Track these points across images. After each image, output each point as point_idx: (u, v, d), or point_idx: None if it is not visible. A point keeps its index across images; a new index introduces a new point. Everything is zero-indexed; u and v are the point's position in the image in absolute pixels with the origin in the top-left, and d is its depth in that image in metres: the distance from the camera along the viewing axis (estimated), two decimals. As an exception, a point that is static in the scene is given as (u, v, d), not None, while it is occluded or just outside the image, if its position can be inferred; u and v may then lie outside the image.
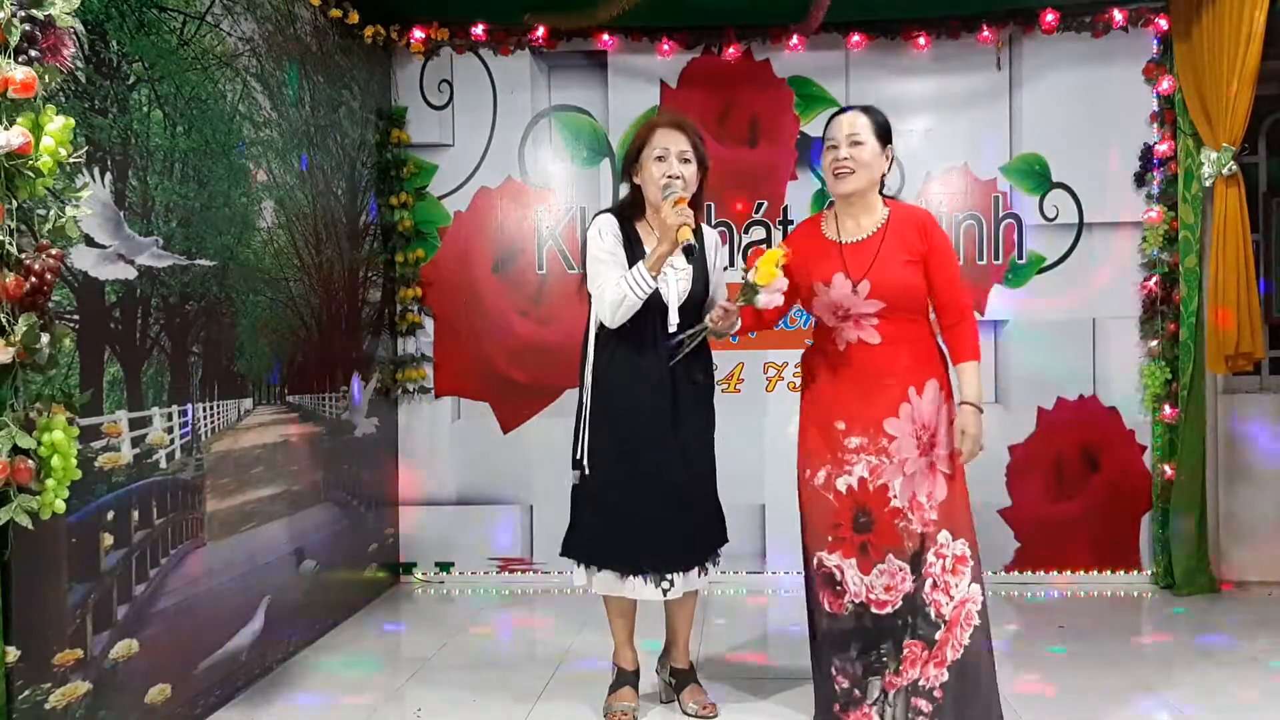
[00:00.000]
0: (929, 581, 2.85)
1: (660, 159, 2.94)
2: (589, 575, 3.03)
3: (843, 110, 3.01)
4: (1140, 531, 4.73)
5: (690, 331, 2.91)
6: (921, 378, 2.91)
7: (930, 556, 2.85)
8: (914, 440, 2.89)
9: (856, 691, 2.90)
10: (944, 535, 2.87)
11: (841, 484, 2.92)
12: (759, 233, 4.85)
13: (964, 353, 2.95)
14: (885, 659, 2.87)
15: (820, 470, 2.95)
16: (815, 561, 2.96)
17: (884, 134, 2.95)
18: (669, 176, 2.91)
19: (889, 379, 2.90)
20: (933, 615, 2.84)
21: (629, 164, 3.05)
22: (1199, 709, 3.09)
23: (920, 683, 2.84)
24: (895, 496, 2.87)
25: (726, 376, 4.80)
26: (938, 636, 2.83)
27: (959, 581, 2.86)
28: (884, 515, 2.88)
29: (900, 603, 2.86)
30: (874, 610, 2.88)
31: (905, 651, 2.86)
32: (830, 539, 2.93)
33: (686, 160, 2.95)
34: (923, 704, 2.83)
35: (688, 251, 2.80)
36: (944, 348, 3.01)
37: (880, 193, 3.00)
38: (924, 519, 2.87)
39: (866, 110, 2.97)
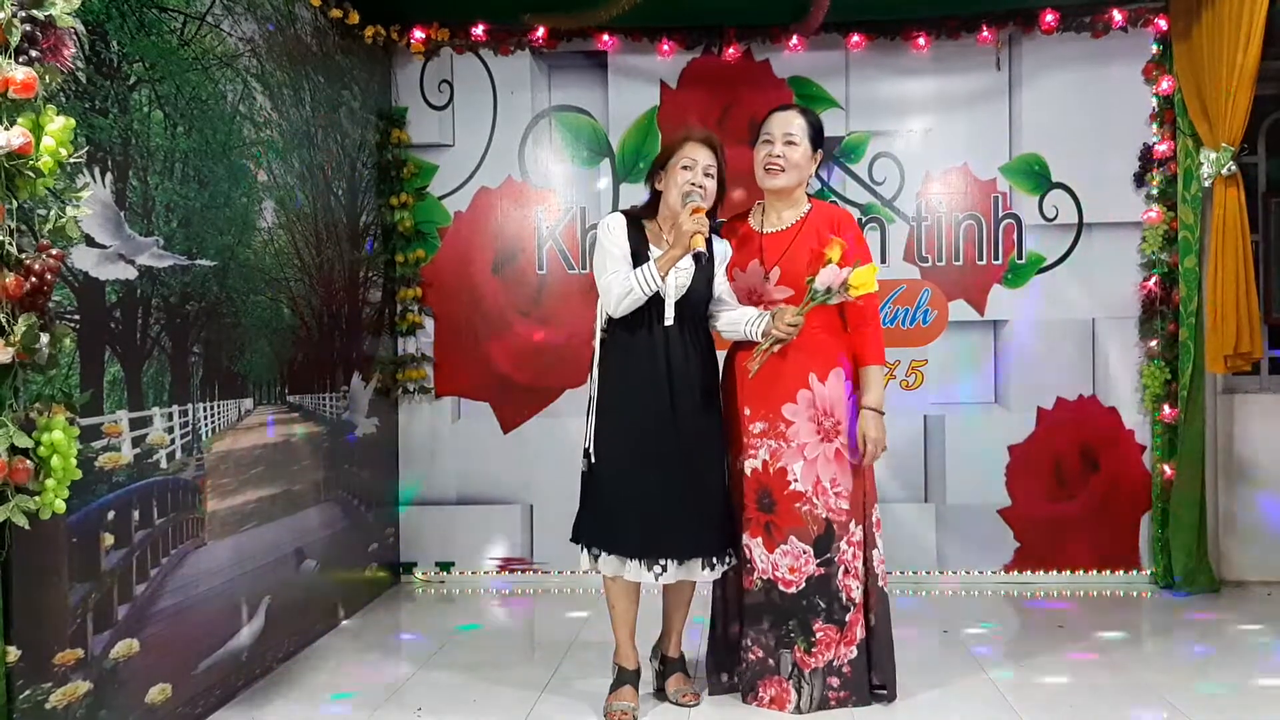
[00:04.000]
0: (842, 569, 3.07)
1: (687, 168, 3.08)
2: (593, 559, 3.10)
3: (783, 107, 3.22)
4: (1140, 531, 4.73)
5: (764, 348, 3.04)
6: (825, 366, 3.09)
7: (844, 544, 3.07)
8: (813, 425, 3.07)
9: (770, 661, 3.11)
10: (853, 524, 3.09)
11: (747, 467, 3.14)
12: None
13: (867, 356, 3.14)
14: (793, 635, 3.08)
15: (726, 454, 3.17)
16: None
17: (817, 137, 3.20)
18: (692, 185, 3.04)
19: (790, 365, 3.07)
20: (844, 599, 3.07)
21: (655, 170, 3.18)
22: (1199, 709, 3.09)
23: (833, 662, 3.08)
24: (796, 480, 3.06)
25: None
26: (848, 619, 3.07)
27: (861, 567, 3.11)
28: (784, 498, 3.07)
29: (804, 584, 3.06)
30: (780, 588, 3.08)
31: (819, 635, 3.06)
32: (741, 518, 3.14)
33: (710, 175, 3.09)
34: (834, 680, 3.09)
35: (697, 258, 2.99)
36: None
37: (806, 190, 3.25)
38: (830, 505, 3.06)
39: (804, 112, 3.22)
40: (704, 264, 3.04)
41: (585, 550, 3.12)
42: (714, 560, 3.09)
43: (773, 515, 3.08)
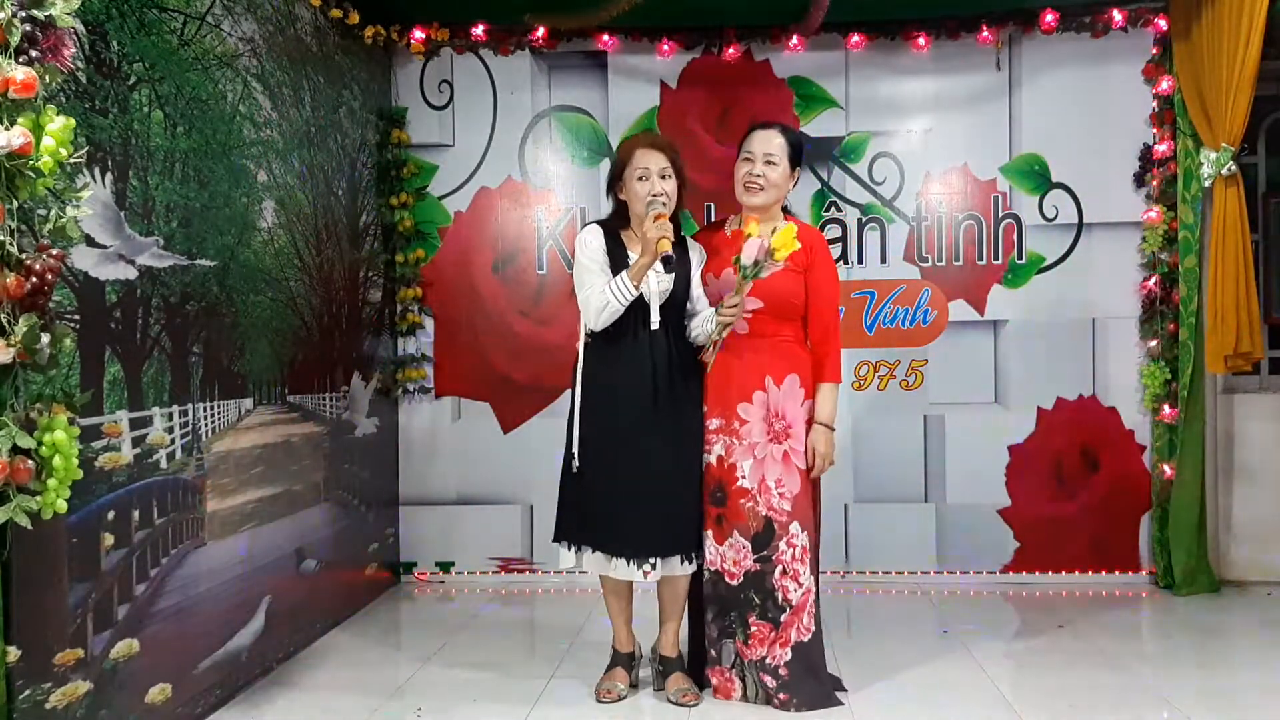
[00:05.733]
0: (779, 568, 3.11)
1: (642, 178, 3.13)
2: (579, 556, 3.19)
3: (763, 126, 3.26)
4: (1140, 531, 4.73)
5: (714, 339, 3.12)
6: (781, 371, 3.17)
7: (782, 545, 3.11)
8: (765, 426, 3.15)
9: (713, 652, 3.20)
10: (795, 526, 3.12)
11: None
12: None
13: (823, 373, 3.22)
14: (733, 626, 3.16)
15: None
16: None
17: (796, 156, 3.26)
18: (652, 195, 3.10)
19: (748, 367, 3.16)
20: (780, 599, 3.11)
21: (613, 181, 3.25)
22: (1199, 710, 3.09)
23: (767, 660, 3.12)
24: (744, 477, 3.14)
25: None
26: (783, 619, 3.11)
27: (804, 570, 3.13)
28: (732, 493, 3.15)
29: (742, 578, 3.14)
30: (726, 580, 3.16)
31: (753, 629, 3.13)
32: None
33: (666, 177, 3.15)
34: (768, 679, 3.12)
35: (665, 262, 3.06)
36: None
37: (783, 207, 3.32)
38: (772, 505, 3.13)
39: (785, 131, 3.29)
40: (674, 266, 3.10)
41: (568, 548, 3.20)
42: (693, 556, 3.18)
43: (723, 509, 3.16)
